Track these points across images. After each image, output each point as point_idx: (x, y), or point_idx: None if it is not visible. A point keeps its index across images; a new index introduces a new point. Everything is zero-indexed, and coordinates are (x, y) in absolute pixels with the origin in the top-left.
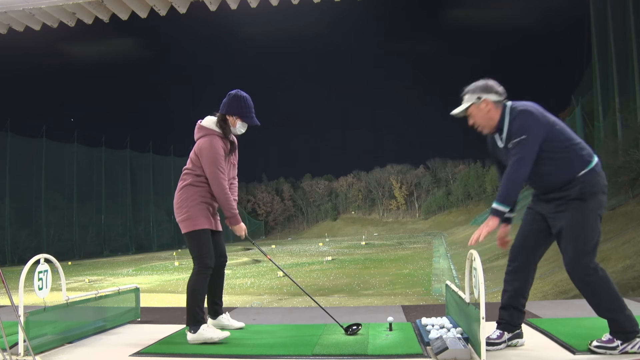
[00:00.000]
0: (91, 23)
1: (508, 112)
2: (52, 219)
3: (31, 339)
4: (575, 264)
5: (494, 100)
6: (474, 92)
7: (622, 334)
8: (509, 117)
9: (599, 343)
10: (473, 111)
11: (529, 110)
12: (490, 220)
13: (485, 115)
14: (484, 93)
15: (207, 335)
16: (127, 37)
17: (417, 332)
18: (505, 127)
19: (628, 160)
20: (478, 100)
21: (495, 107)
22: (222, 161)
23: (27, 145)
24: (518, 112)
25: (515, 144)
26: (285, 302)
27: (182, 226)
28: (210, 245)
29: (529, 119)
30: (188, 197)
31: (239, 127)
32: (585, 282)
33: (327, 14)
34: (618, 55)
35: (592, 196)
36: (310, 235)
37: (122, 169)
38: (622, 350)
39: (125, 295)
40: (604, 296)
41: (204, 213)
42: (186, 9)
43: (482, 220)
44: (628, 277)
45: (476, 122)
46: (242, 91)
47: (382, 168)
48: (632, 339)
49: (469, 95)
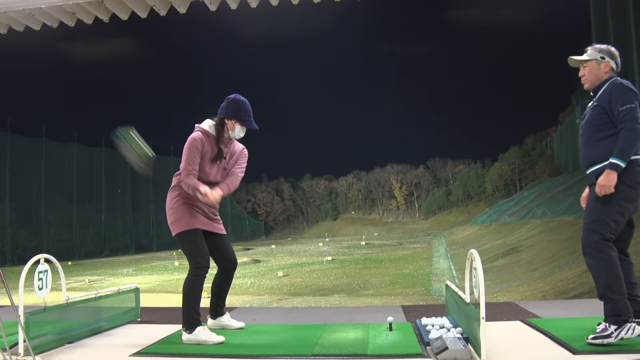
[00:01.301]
0: (91, 23)
1: (610, 81)
2: (52, 219)
3: (31, 339)
4: (587, 238)
5: (612, 67)
6: (600, 51)
7: (615, 317)
8: (610, 85)
9: (595, 334)
10: (591, 65)
11: (626, 85)
12: (611, 174)
13: (598, 73)
14: (609, 56)
15: (202, 337)
16: (127, 37)
17: (417, 332)
18: (601, 91)
19: None
20: (602, 59)
21: (610, 72)
22: (194, 155)
23: (27, 145)
24: (618, 84)
25: (625, 110)
26: (285, 302)
27: (172, 229)
28: (201, 244)
29: (628, 91)
30: (173, 199)
31: (238, 132)
32: (593, 256)
33: (327, 14)
34: None
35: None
36: (310, 235)
37: (122, 169)
38: (617, 336)
39: (125, 295)
40: (609, 275)
41: (190, 213)
42: (186, 9)
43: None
44: None
45: (586, 75)
46: (240, 95)
47: (382, 168)
48: (625, 324)
49: (594, 52)
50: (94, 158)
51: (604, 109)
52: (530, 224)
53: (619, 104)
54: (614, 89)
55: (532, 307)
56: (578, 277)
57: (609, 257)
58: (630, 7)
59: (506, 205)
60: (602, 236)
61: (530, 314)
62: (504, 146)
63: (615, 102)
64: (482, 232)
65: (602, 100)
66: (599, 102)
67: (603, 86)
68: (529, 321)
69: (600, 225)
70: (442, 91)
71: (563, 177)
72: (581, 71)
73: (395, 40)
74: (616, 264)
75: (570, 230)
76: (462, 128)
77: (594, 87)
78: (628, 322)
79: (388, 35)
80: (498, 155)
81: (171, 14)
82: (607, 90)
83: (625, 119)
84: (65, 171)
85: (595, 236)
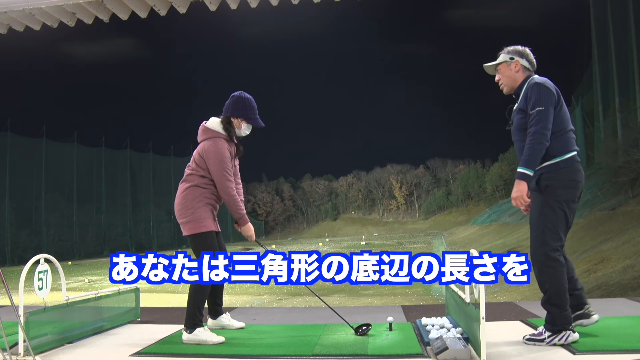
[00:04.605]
0: (91, 23)
1: (527, 82)
2: (52, 219)
3: (31, 339)
4: (534, 251)
5: (524, 65)
6: (509, 52)
7: (551, 325)
8: (527, 86)
9: (530, 335)
10: (503, 68)
11: (546, 85)
12: (520, 184)
13: (511, 75)
14: (518, 56)
15: (202, 337)
16: (127, 37)
17: (417, 332)
18: (521, 93)
19: (628, 160)
20: (510, 60)
21: (523, 71)
22: (228, 163)
23: (27, 145)
24: (535, 83)
25: (534, 114)
26: (285, 302)
27: (187, 228)
28: (216, 248)
29: (542, 91)
30: (194, 199)
31: (244, 129)
32: (540, 269)
33: (327, 14)
34: (618, 55)
35: (546, 189)
36: (310, 235)
37: (122, 169)
38: (549, 342)
39: (125, 295)
40: (552, 289)
41: (210, 215)
42: (186, 9)
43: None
44: (628, 277)
45: (501, 79)
46: (245, 92)
47: (382, 168)
48: (559, 333)
49: (504, 54)
50: (94, 158)
51: (525, 112)
52: None
53: (530, 107)
54: (528, 89)
55: (532, 307)
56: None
57: (555, 271)
58: (630, 8)
59: (506, 205)
60: (551, 247)
61: (530, 314)
62: (504, 146)
63: (528, 104)
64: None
65: (522, 103)
66: (519, 105)
67: (522, 88)
68: (529, 321)
69: (548, 236)
70: (442, 91)
71: None
72: (497, 76)
73: (396, 40)
74: (561, 278)
75: (570, 230)
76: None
77: (514, 90)
78: (563, 331)
79: (388, 35)
80: (498, 155)
81: (171, 14)
82: (524, 92)
83: (531, 123)
84: (65, 171)
85: (543, 249)
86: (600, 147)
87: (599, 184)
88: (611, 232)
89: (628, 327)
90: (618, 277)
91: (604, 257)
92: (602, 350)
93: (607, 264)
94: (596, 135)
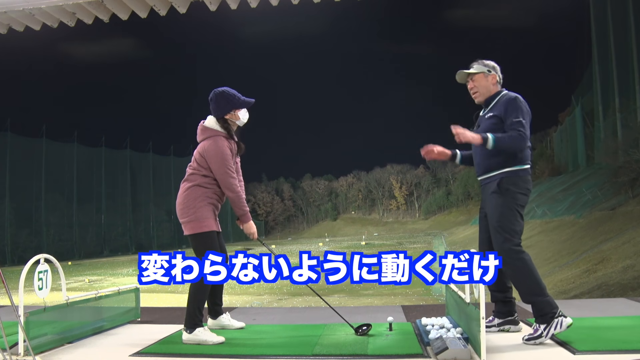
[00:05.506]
0: (91, 23)
1: (501, 94)
2: (52, 219)
3: (31, 339)
4: (500, 248)
5: (498, 79)
6: (486, 65)
7: (541, 317)
8: (504, 98)
9: (528, 336)
10: (479, 78)
11: (521, 100)
12: (476, 138)
13: (487, 86)
14: (494, 70)
15: (202, 337)
16: (127, 37)
17: (417, 332)
18: (493, 103)
19: (628, 160)
20: (488, 72)
21: (497, 85)
22: (230, 160)
23: (27, 145)
24: (513, 97)
25: (516, 122)
26: (285, 302)
27: (188, 227)
28: (217, 248)
29: (522, 106)
30: (196, 198)
31: (243, 117)
32: (509, 265)
33: (327, 14)
34: (618, 55)
35: (507, 192)
36: (310, 235)
37: (122, 169)
38: (547, 334)
39: (125, 295)
40: (526, 279)
41: (211, 215)
42: (186, 8)
43: None
44: (628, 277)
45: (476, 88)
46: (217, 88)
47: (382, 168)
48: (551, 320)
49: (481, 66)
50: (94, 158)
51: (500, 119)
52: (530, 224)
53: (513, 115)
54: (511, 101)
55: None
56: (578, 277)
57: (524, 262)
58: (630, 8)
59: None
60: (514, 242)
61: (530, 314)
62: None
63: (511, 114)
64: None
65: (499, 110)
66: (495, 112)
67: (495, 98)
68: (529, 321)
69: (509, 234)
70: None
71: (563, 177)
72: (470, 84)
73: (396, 40)
74: (531, 267)
75: (570, 230)
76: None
77: (486, 99)
78: (554, 318)
79: (388, 35)
80: None
81: (171, 14)
82: (503, 102)
83: (515, 127)
84: (65, 171)
85: (506, 245)
86: (600, 147)
87: (599, 184)
88: (611, 232)
89: (628, 327)
90: (618, 277)
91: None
92: (602, 350)
93: (607, 264)
94: (596, 135)
